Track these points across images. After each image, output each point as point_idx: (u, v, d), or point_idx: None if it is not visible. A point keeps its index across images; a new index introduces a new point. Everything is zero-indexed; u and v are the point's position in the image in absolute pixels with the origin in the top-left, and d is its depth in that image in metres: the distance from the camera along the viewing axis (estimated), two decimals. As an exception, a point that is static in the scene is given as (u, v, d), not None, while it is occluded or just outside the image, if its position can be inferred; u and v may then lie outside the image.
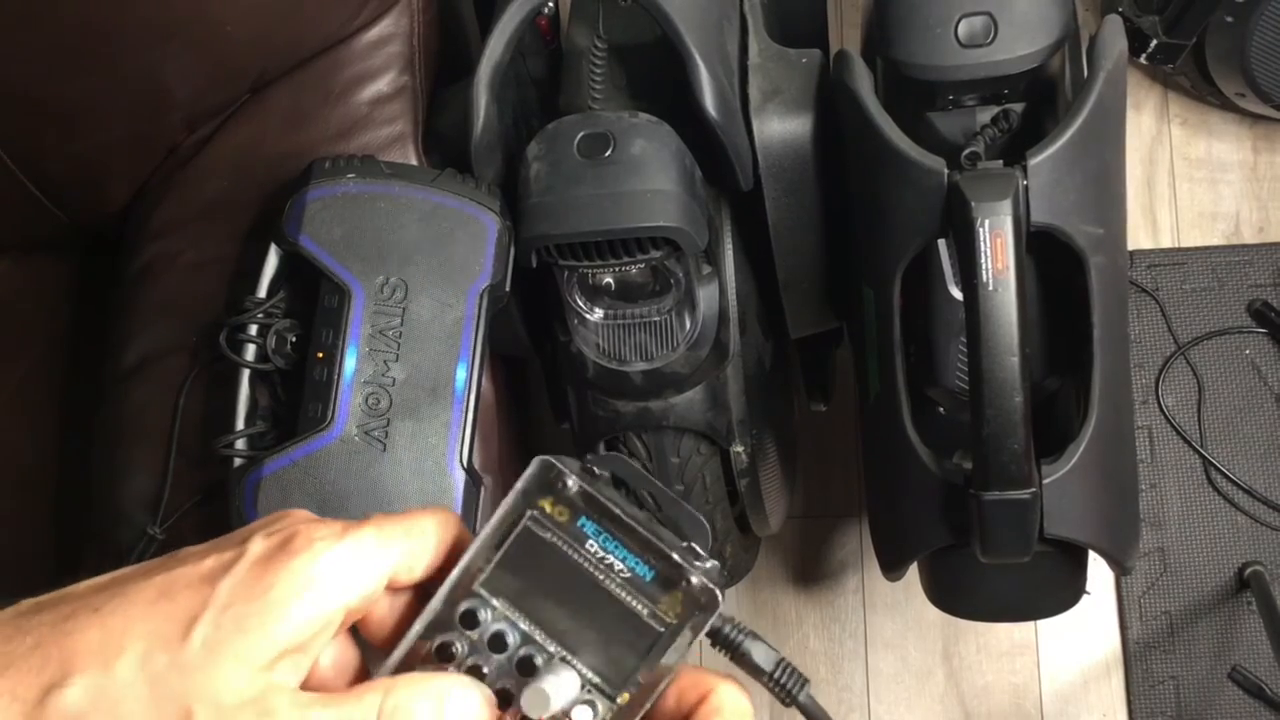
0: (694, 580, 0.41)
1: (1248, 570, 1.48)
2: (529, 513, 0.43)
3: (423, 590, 0.43)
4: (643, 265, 0.89)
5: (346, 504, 0.85)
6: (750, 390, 1.01)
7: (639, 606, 0.41)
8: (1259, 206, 1.61)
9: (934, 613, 1.06)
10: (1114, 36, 0.90)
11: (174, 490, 0.96)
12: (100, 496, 1.00)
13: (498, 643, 0.42)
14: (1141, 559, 1.51)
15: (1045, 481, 0.88)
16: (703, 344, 0.94)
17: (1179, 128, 1.64)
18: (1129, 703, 1.49)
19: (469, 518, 0.87)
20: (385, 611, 0.43)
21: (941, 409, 1.02)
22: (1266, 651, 1.44)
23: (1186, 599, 1.50)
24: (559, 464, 0.43)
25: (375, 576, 0.41)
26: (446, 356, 0.88)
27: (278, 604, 0.38)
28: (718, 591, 0.41)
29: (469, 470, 0.87)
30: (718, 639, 0.43)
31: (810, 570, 1.57)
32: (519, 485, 0.43)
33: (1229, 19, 1.42)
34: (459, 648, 0.42)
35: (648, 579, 0.42)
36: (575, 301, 0.93)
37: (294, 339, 0.91)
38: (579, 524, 0.42)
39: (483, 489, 0.90)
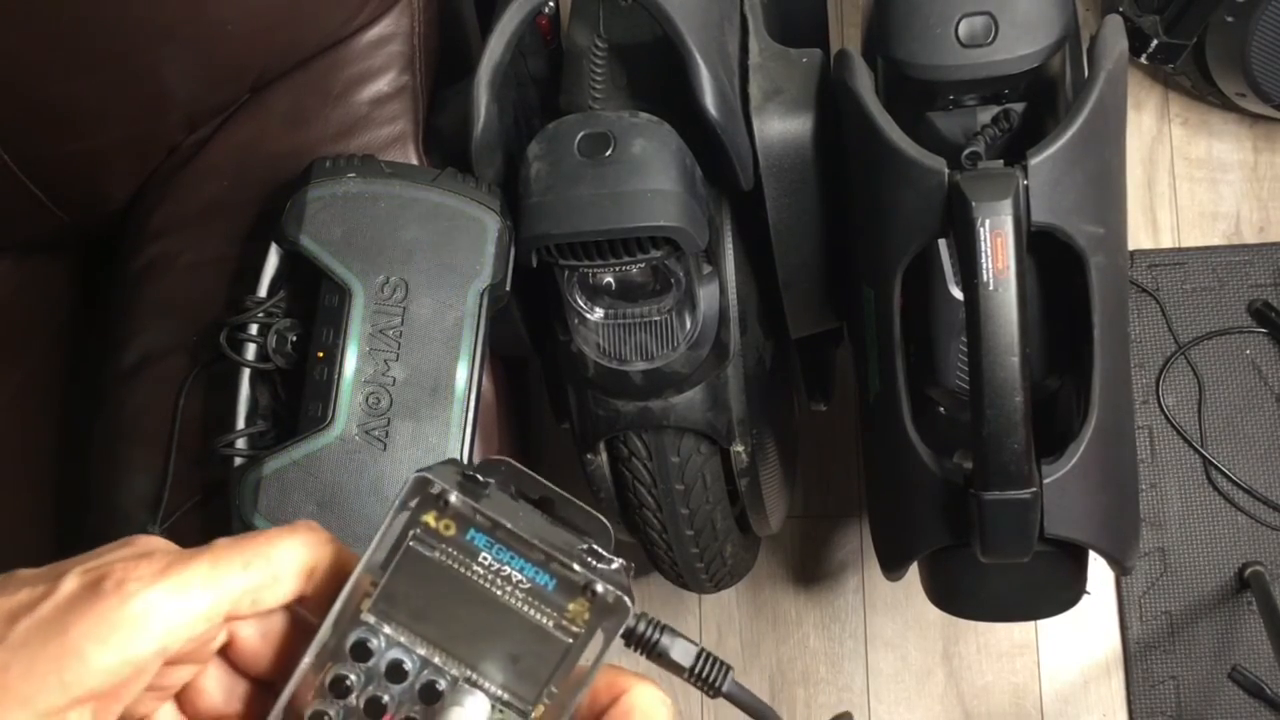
0: (599, 587, 0.39)
1: (1248, 570, 1.48)
2: (412, 531, 0.39)
3: (305, 614, 0.41)
4: (643, 265, 0.89)
5: (347, 503, 0.85)
6: (750, 390, 1.01)
7: (543, 618, 0.39)
8: (1259, 206, 1.61)
9: (934, 612, 1.06)
10: (1114, 36, 0.90)
11: (174, 490, 0.96)
12: (100, 496, 1.00)
13: (396, 672, 0.39)
14: (1142, 559, 1.51)
15: (1045, 481, 0.88)
16: (703, 343, 0.94)
17: (1179, 127, 1.64)
18: (1129, 702, 1.49)
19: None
20: (257, 641, 0.41)
21: (942, 409, 1.02)
22: (1266, 651, 1.44)
23: (1187, 599, 1.50)
24: (436, 479, 0.40)
25: (200, 616, 0.38)
26: (447, 356, 0.88)
27: (73, 649, 0.36)
28: (624, 596, 0.39)
29: (469, 470, 0.87)
30: (631, 639, 0.41)
31: (810, 570, 1.57)
32: (395, 503, 0.40)
33: (1229, 19, 1.42)
34: (353, 679, 0.39)
35: (550, 588, 0.39)
36: (575, 301, 0.93)
37: (294, 338, 0.91)
38: (468, 537, 0.39)
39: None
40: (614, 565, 0.39)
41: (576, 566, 0.39)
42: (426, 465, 0.40)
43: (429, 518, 0.40)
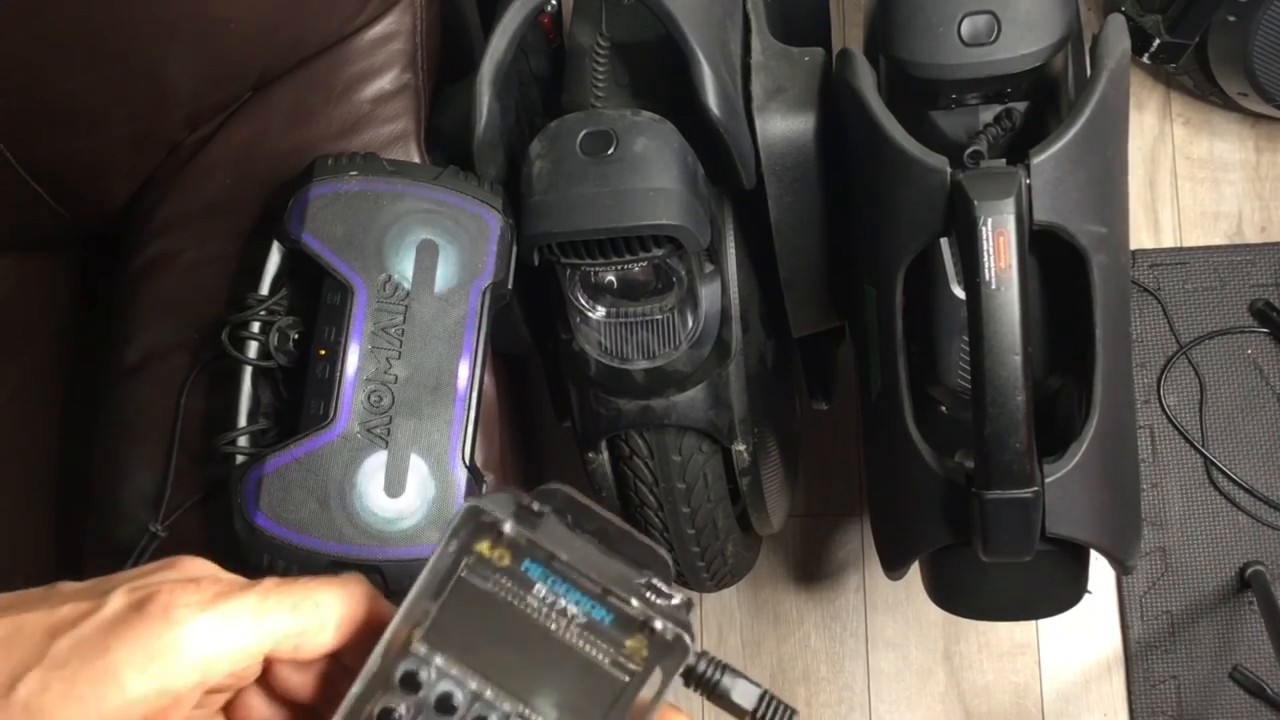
0: (658, 624, 0.37)
1: (1249, 570, 1.48)
2: (465, 560, 0.38)
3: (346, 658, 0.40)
4: (645, 263, 0.89)
5: (348, 502, 0.85)
6: (752, 389, 1.01)
7: (599, 655, 0.37)
8: (1261, 206, 1.61)
9: (935, 612, 1.06)
10: (1117, 35, 0.90)
11: (176, 488, 0.96)
12: (102, 494, 1.00)
13: (445, 705, 0.38)
14: (1143, 558, 1.51)
15: (1047, 480, 0.88)
16: (705, 342, 0.94)
17: (1181, 127, 1.64)
18: (1130, 702, 1.49)
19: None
20: (298, 678, 0.40)
21: (943, 408, 1.02)
22: (1267, 651, 1.44)
23: (1188, 598, 1.50)
24: (489, 509, 0.38)
25: (242, 652, 0.37)
26: (449, 354, 0.88)
27: (113, 672, 0.35)
28: (684, 634, 0.37)
29: (471, 468, 0.87)
30: (691, 678, 0.39)
31: (812, 569, 1.57)
32: (448, 532, 0.39)
33: (1231, 18, 1.42)
34: (402, 712, 0.38)
35: (607, 623, 0.37)
36: (577, 299, 0.93)
37: (296, 336, 0.91)
38: (523, 568, 0.38)
39: (484, 487, 0.90)
40: (675, 600, 0.38)
41: (634, 601, 0.38)
42: (481, 495, 0.40)
43: (483, 547, 0.39)
